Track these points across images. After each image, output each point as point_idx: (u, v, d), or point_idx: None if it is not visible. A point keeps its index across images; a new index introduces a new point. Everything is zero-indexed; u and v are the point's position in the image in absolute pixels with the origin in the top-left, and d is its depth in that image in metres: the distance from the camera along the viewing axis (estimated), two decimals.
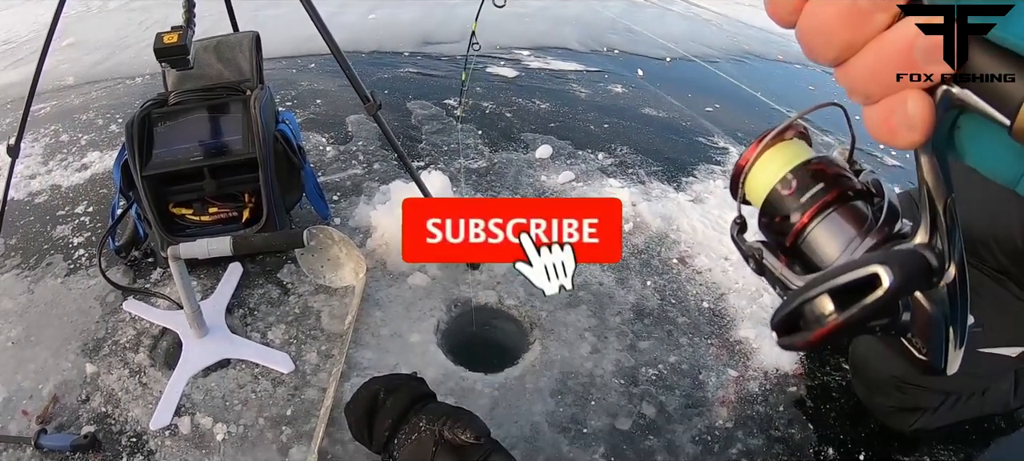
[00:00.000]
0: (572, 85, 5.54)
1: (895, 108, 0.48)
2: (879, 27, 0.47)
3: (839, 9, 0.48)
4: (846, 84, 0.52)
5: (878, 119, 0.49)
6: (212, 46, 3.12)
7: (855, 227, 0.74)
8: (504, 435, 2.43)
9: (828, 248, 0.75)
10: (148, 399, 2.54)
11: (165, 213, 2.93)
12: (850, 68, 0.50)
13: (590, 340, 2.84)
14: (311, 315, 2.89)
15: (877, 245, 0.71)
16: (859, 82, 0.50)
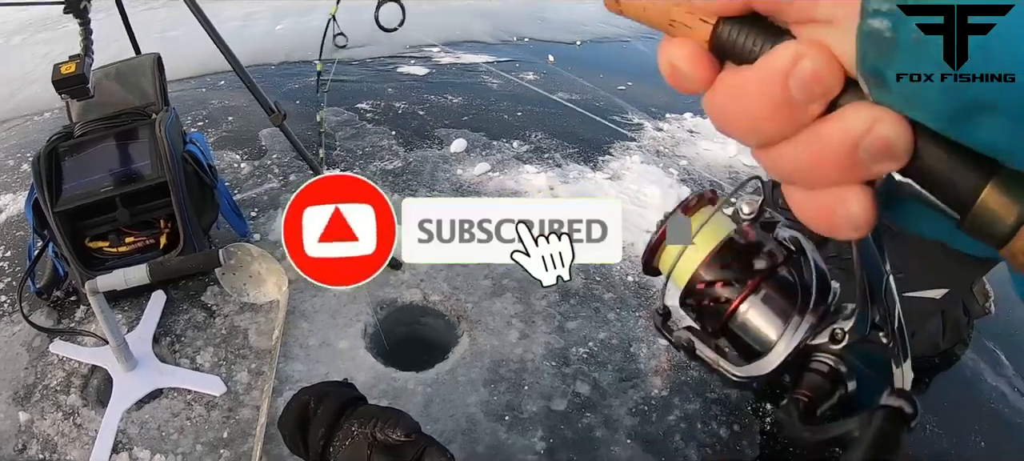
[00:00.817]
0: (484, 77, 5.54)
1: (835, 206, 0.43)
2: (812, 117, 0.41)
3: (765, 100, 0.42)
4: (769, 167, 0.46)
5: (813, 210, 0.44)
6: (113, 72, 3.06)
7: (789, 303, 0.73)
8: (441, 430, 2.44)
9: (765, 329, 0.74)
10: (84, 440, 2.48)
11: (82, 248, 2.87)
12: (776, 155, 0.44)
13: (518, 326, 2.86)
14: (238, 334, 2.86)
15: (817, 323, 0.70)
16: (789, 170, 0.44)
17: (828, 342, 0.70)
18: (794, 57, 0.40)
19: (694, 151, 4.51)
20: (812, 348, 0.71)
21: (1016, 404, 2.87)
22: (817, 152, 0.41)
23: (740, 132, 0.45)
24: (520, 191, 3.78)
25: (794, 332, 0.70)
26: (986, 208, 0.39)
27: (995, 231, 0.39)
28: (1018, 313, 3.40)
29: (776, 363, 0.71)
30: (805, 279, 0.73)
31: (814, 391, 0.70)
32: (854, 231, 0.43)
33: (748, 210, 0.77)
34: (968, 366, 2.98)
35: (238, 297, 2.99)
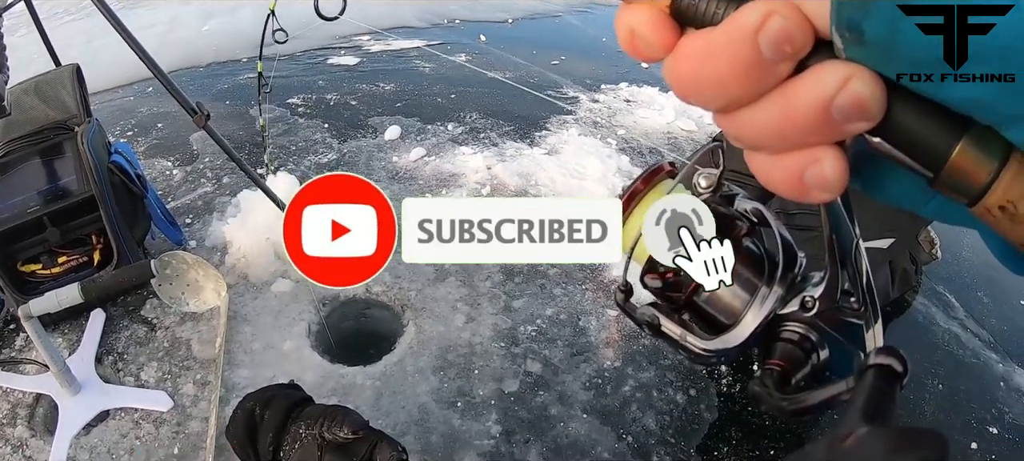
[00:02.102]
0: (415, 62, 5.51)
1: (806, 167, 0.42)
2: (781, 77, 0.40)
3: (733, 60, 0.40)
4: (733, 132, 0.45)
5: (783, 175, 0.43)
6: (32, 88, 2.98)
7: (755, 274, 0.71)
8: (393, 423, 2.42)
9: (732, 301, 0.72)
10: None
11: (15, 274, 2.78)
12: (743, 120, 0.43)
13: (463, 310, 2.84)
14: (181, 346, 2.80)
15: (786, 293, 0.68)
16: (757, 133, 0.43)
17: (799, 310, 0.68)
18: (763, 15, 0.39)
19: (632, 120, 4.53)
20: (781, 318, 0.69)
21: (969, 344, 2.93)
22: (787, 114, 0.40)
23: (705, 97, 0.43)
24: (457, 173, 3.77)
25: (762, 303, 0.69)
26: (959, 165, 0.39)
27: (968, 187, 0.39)
28: (965, 256, 3.47)
29: (745, 335, 0.70)
30: (770, 249, 0.72)
31: (787, 360, 0.68)
32: (826, 193, 0.43)
33: (706, 184, 0.73)
34: (920, 312, 3.03)
35: (177, 307, 2.93)
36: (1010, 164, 0.38)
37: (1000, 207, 0.39)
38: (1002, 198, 0.39)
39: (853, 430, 0.44)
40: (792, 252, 0.70)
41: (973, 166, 0.39)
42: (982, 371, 2.84)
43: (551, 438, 2.42)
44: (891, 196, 0.48)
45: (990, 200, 0.39)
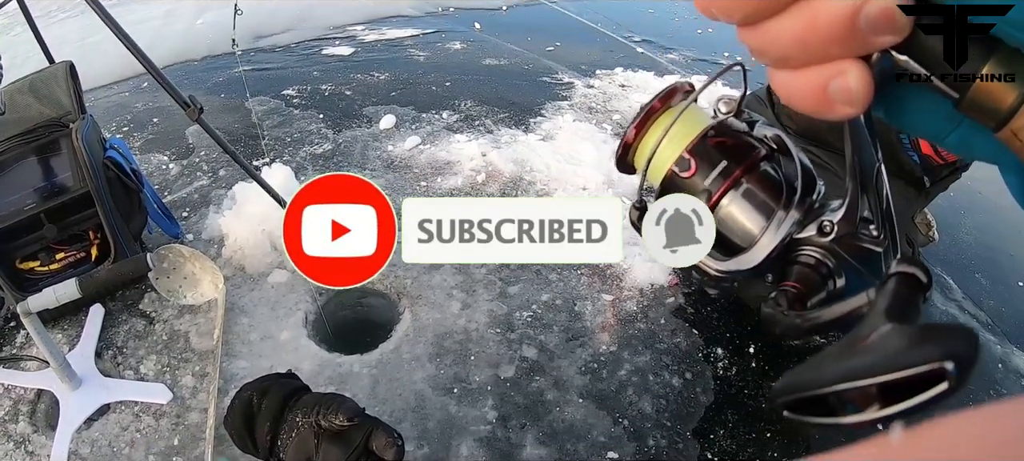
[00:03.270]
0: (410, 51, 5.50)
1: (830, 79, 0.42)
2: None
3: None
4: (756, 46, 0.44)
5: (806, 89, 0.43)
6: (26, 86, 2.97)
7: (773, 198, 0.70)
8: (390, 410, 2.43)
9: (748, 224, 0.71)
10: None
11: (13, 271, 2.79)
12: (765, 31, 0.42)
13: (459, 297, 2.85)
14: (179, 338, 2.81)
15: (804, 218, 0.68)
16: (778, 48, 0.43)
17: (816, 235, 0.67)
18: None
19: (627, 104, 4.53)
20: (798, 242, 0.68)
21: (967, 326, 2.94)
22: (812, 25, 0.40)
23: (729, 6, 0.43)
24: (452, 161, 3.77)
25: (779, 226, 0.69)
26: (985, 87, 0.39)
27: (995, 110, 0.39)
28: (962, 238, 3.48)
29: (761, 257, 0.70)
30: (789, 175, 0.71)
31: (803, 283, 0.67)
32: (851, 107, 0.42)
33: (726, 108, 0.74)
34: None
35: (175, 300, 2.94)
36: None
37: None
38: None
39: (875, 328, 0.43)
40: (811, 177, 0.70)
41: (1000, 87, 0.39)
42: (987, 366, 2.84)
43: (547, 423, 2.44)
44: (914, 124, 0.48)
45: (1018, 123, 0.39)
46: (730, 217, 0.72)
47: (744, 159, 0.72)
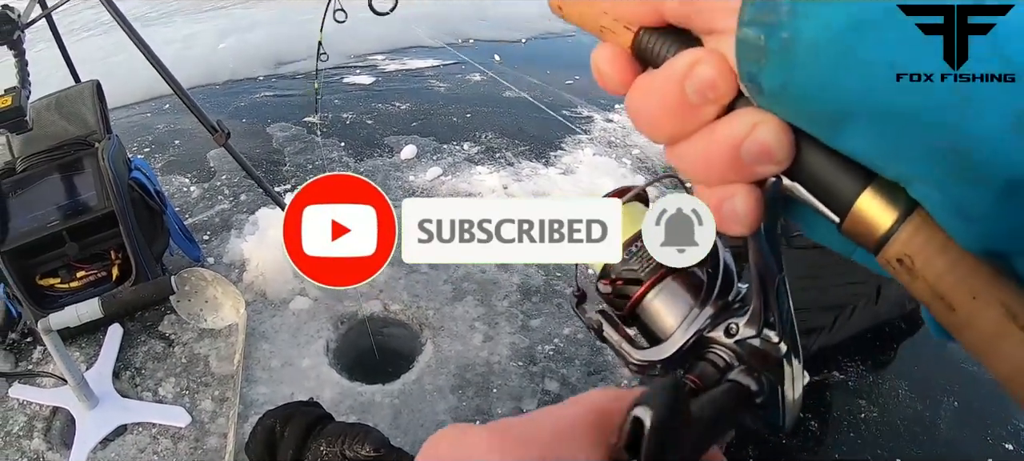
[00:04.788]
0: (430, 81, 5.53)
1: (724, 200, 0.46)
2: (708, 119, 0.44)
3: (664, 101, 0.45)
4: (675, 163, 0.48)
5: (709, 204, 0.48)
6: (53, 103, 2.99)
7: (692, 296, 0.75)
8: (412, 441, 2.41)
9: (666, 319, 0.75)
10: None
11: (33, 287, 2.78)
12: (679, 151, 0.47)
13: (481, 329, 2.84)
14: (199, 362, 2.80)
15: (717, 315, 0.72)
16: (688, 167, 0.47)
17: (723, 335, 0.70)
18: (691, 63, 0.43)
19: (646, 140, 4.51)
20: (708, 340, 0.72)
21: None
22: (708, 152, 0.44)
23: (648, 130, 0.47)
24: (473, 193, 3.78)
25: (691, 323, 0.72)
26: (862, 214, 0.40)
27: (871, 237, 0.41)
28: None
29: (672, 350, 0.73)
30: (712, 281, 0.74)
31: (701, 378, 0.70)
32: (740, 227, 0.46)
33: None
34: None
35: (196, 323, 2.94)
36: (912, 219, 0.39)
37: (898, 260, 0.40)
38: (900, 251, 0.40)
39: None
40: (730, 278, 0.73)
41: (874, 217, 0.40)
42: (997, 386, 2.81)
43: None
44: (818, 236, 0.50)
45: (889, 252, 0.40)
46: (653, 310, 0.76)
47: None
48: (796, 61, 0.37)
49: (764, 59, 0.38)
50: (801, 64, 0.37)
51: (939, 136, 0.35)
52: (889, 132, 0.36)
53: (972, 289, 0.38)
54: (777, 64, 0.38)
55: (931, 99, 0.34)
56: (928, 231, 0.39)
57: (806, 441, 2.50)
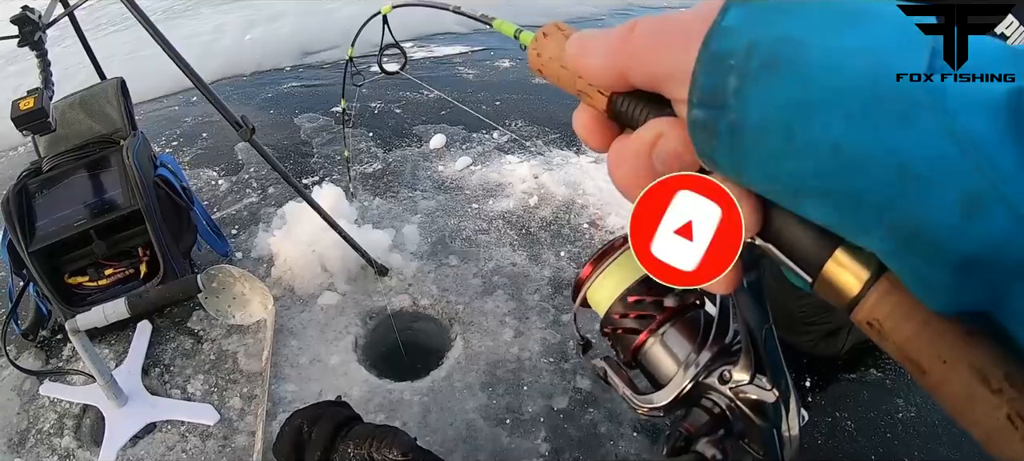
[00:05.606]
0: (459, 69, 5.49)
1: None
2: None
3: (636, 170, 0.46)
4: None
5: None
6: (77, 101, 2.98)
7: (690, 341, 0.77)
8: (441, 440, 2.37)
9: (665, 365, 0.78)
10: None
11: (61, 285, 2.78)
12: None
13: (512, 324, 2.79)
14: (227, 359, 2.78)
15: (713, 359, 0.74)
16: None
17: (717, 382, 0.74)
18: (655, 136, 0.44)
19: None
20: (704, 386, 0.75)
21: None
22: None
23: (625, 194, 0.48)
24: (504, 183, 3.72)
25: (688, 369, 0.75)
26: (831, 277, 0.40)
27: (841, 299, 0.41)
28: None
29: (669, 397, 0.76)
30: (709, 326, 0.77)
31: (693, 424, 0.75)
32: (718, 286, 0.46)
33: None
34: None
35: (224, 320, 2.91)
36: (880, 282, 0.39)
37: (867, 323, 0.40)
38: (868, 316, 0.39)
39: None
40: (726, 325, 0.75)
41: (843, 280, 0.40)
42: None
43: (601, 457, 2.37)
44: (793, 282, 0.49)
45: (858, 315, 0.40)
46: (654, 355, 0.80)
47: (673, 304, 0.81)
48: (743, 144, 0.38)
49: (714, 141, 0.39)
50: (748, 147, 0.38)
51: (888, 217, 0.35)
52: (841, 210, 0.37)
53: (941, 353, 0.37)
54: (726, 146, 0.39)
55: (876, 181, 0.34)
56: (896, 295, 0.39)
57: (841, 441, 2.44)
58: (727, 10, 0.39)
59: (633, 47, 0.45)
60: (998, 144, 0.32)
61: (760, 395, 0.70)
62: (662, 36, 0.44)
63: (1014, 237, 0.33)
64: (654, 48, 0.44)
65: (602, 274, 0.86)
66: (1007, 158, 0.32)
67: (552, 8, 6.91)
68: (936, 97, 0.33)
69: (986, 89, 0.33)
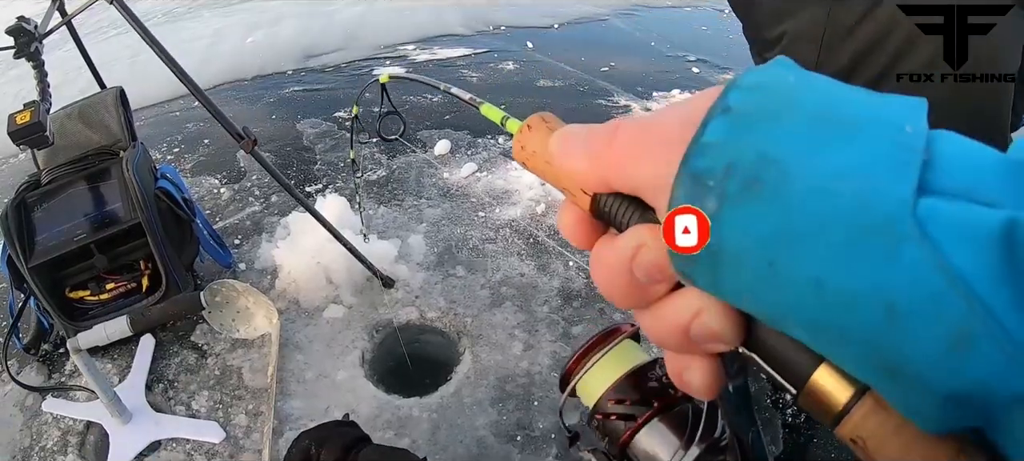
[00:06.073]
0: (462, 71, 5.44)
1: (683, 369, 0.45)
2: (658, 295, 0.44)
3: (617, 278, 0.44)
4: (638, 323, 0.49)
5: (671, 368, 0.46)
6: (76, 112, 2.93)
7: (678, 436, 0.78)
8: (451, 458, 2.34)
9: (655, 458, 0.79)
10: None
11: (63, 300, 2.75)
12: (639, 319, 0.46)
13: (521, 337, 2.75)
14: (232, 374, 2.73)
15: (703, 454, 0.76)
16: (647, 333, 0.46)
17: None
18: (636, 246, 0.43)
19: None
20: None
21: None
22: (659, 327, 0.44)
23: (608, 298, 0.47)
24: (510, 190, 3.68)
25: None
26: (817, 389, 0.39)
27: (826, 412, 0.40)
28: None
29: None
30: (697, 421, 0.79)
31: None
32: (699, 394, 0.46)
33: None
34: None
35: (228, 334, 2.87)
36: (864, 400, 0.38)
37: (852, 439, 0.39)
38: (853, 432, 0.38)
39: None
40: (714, 420, 0.77)
41: (827, 396, 0.39)
42: None
43: None
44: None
45: (842, 431, 0.39)
46: (642, 450, 0.81)
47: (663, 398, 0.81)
48: (721, 268, 0.37)
49: (693, 262, 0.38)
50: (726, 272, 0.37)
51: (872, 351, 0.34)
52: (823, 340, 0.36)
53: None
54: (705, 270, 0.38)
55: (860, 318, 0.33)
56: (881, 412, 0.37)
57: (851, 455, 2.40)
58: (708, 124, 0.38)
59: (615, 154, 0.45)
60: (990, 281, 0.31)
61: None
62: (643, 145, 0.43)
63: (1006, 373, 0.31)
64: (635, 157, 0.43)
65: (592, 367, 0.86)
66: (1000, 296, 0.31)
67: (554, 8, 6.86)
68: (925, 227, 0.32)
69: (978, 218, 0.32)
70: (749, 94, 0.39)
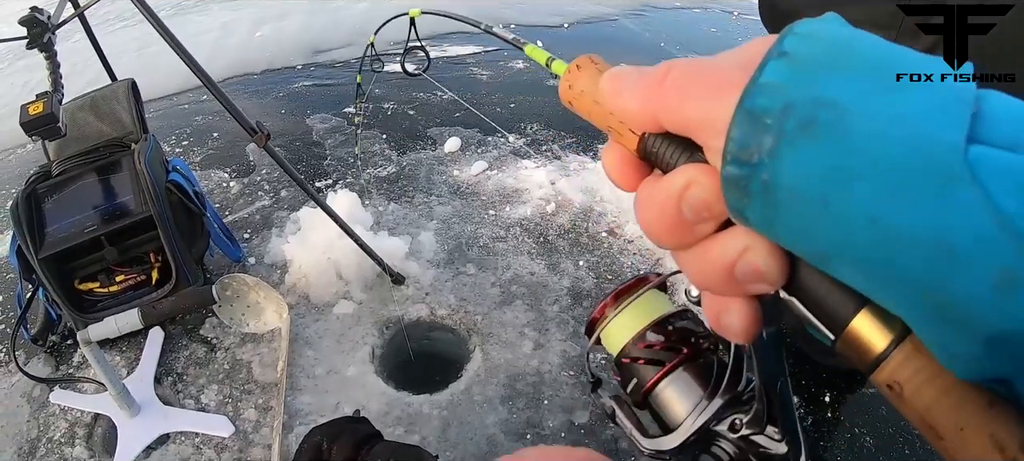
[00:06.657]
0: (472, 69, 5.43)
1: (721, 311, 0.47)
2: (705, 234, 0.44)
3: (663, 216, 0.45)
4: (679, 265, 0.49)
5: (709, 310, 0.48)
6: (88, 104, 2.92)
7: (702, 387, 0.78)
8: (461, 456, 2.33)
9: (676, 408, 0.79)
10: None
11: (72, 291, 2.74)
12: (681, 260, 0.47)
13: (531, 336, 2.74)
14: (242, 368, 2.73)
15: (724, 407, 0.75)
16: (690, 276, 0.47)
17: (727, 430, 0.74)
18: (685, 184, 0.43)
19: None
20: (714, 433, 0.76)
21: None
22: (703, 267, 0.45)
23: (651, 238, 0.48)
24: (520, 188, 3.67)
25: (699, 415, 0.76)
26: (855, 336, 0.40)
27: (863, 359, 0.40)
28: None
29: (677, 442, 0.77)
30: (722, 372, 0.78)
31: None
32: (736, 337, 0.47)
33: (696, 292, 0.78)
34: None
35: (237, 328, 2.86)
36: (903, 346, 0.39)
37: (888, 385, 0.39)
38: (890, 377, 0.39)
39: None
40: (739, 371, 0.77)
41: (866, 340, 0.40)
42: None
43: None
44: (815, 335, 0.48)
45: (879, 377, 0.40)
46: (665, 398, 0.80)
47: (687, 348, 0.81)
48: (776, 205, 0.37)
49: (746, 199, 0.39)
50: (780, 209, 0.37)
51: (920, 289, 0.34)
52: (872, 278, 0.36)
53: (959, 421, 0.37)
54: (759, 206, 0.38)
55: (911, 256, 0.34)
56: (919, 359, 0.38)
57: (861, 456, 2.40)
58: (766, 64, 0.39)
59: (667, 91, 0.45)
60: None
61: (770, 447, 0.71)
62: (697, 83, 0.43)
63: None
64: (689, 95, 0.43)
65: (618, 314, 0.86)
66: None
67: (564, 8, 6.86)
68: (975, 171, 0.33)
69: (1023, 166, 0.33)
70: (805, 41, 0.39)
